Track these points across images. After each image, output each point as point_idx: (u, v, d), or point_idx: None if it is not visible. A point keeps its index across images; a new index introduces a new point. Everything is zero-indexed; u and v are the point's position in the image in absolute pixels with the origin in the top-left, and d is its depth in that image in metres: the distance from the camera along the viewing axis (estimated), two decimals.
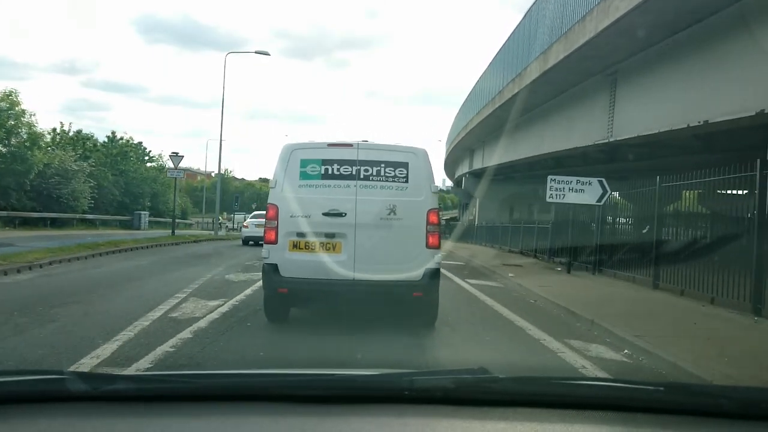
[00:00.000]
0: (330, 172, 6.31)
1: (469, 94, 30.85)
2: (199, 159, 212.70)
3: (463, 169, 39.18)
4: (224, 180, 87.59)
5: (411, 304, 6.45)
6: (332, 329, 6.42)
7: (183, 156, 26.63)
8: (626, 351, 5.90)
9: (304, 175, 6.32)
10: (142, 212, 39.65)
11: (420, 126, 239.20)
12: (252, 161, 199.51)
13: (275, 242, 6.26)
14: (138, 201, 41.80)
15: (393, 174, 6.32)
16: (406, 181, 6.30)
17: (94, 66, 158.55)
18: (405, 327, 6.45)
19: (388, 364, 4.90)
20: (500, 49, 22.14)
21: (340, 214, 6.19)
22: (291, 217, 6.25)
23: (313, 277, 6.19)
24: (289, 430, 1.46)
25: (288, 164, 6.36)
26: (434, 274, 6.30)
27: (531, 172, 27.73)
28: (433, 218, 6.28)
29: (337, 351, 5.45)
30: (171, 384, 1.63)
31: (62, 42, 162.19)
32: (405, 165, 6.33)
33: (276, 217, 6.27)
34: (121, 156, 42.08)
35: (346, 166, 6.30)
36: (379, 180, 6.29)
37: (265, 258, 6.35)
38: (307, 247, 6.23)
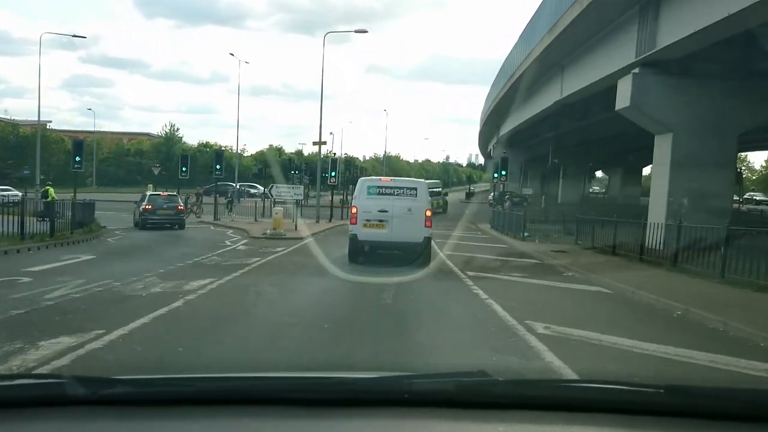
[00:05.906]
0: (380, 191, 13.22)
1: None
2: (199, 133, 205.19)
3: (552, 95, 23.65)
4: (169, 141, 68.63)
5: (416, 253, 12.89)
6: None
7: None
8: None
9: (368, 192, 13.26)
10: None
11: (424, 102, 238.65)
12: (252, 138, 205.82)
13: (356, 224, 13.06)
14: None
15: (410, 193, 13.26)
16: (416, 196, 13.23)
17: (93, 41, 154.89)
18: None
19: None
20: None
21: (386, 211, 12.97)
22: (363, 212, 13.10)
23: (374, 240, 13.05)
24: None
25: (362, 187, 13.51)
26: (428, 239, 13.32)
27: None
28: (428, 212, 13.31)
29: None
30: (170, 387, 1.63)
31: (60, 16, 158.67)
32: (415, 188, 13.50)
33: (357, 213, 13.15)
34: None
35: (388, 188, 13.31)
36: (403, 195, 13.17)
37: (351, 231, 13.20)
38: (371, 226, 13.03)
